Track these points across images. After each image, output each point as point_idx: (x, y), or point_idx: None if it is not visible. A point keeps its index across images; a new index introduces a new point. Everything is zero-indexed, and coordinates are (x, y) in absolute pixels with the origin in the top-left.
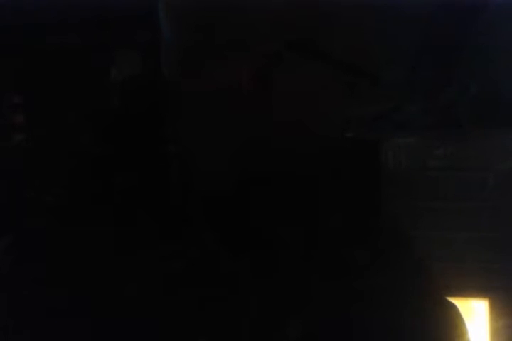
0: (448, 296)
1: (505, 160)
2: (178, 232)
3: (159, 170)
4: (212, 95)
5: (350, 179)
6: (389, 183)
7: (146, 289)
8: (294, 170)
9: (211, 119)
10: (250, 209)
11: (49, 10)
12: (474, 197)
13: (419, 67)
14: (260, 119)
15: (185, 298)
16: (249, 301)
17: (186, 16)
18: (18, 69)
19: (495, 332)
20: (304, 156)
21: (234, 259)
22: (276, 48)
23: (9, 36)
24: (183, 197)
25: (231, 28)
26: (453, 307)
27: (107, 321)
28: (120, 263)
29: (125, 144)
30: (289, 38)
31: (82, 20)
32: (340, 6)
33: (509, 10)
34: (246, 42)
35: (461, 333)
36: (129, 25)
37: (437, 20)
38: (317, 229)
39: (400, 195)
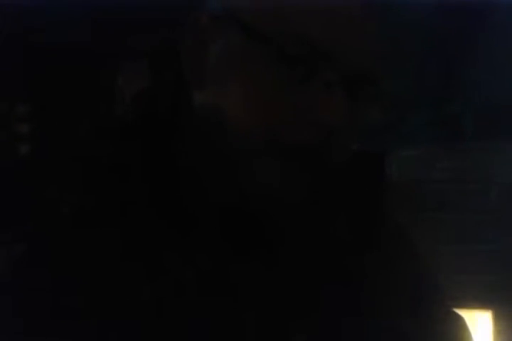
0: (452, 307)
1: (508, 172)
2: (190, 243)
3: (172, 181)
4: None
5: (354, 190)
6: (393, 195)
7: (156, 298)
8: (301, 182)
9: (219, 135)
10: (262, 220)
11: (54, 19)
12: (478, 209)
13: (424, 79)
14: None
15: (194, 307)
16: (259, 312)
17: None
18: (24, 79)
19: None
20: (311, 169)
21: (245, 270)
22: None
23: (12, 44)
24: (196, 209)
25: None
26: (460, 319)
27: (118, 328)
28: (132, 271)
29: (138, 155)
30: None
31: (89, 30)
32: (350, 14)
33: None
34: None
35: None
36: (137, 34)
37: (441, 32)
38: (322, 236)
39: (404, 206)
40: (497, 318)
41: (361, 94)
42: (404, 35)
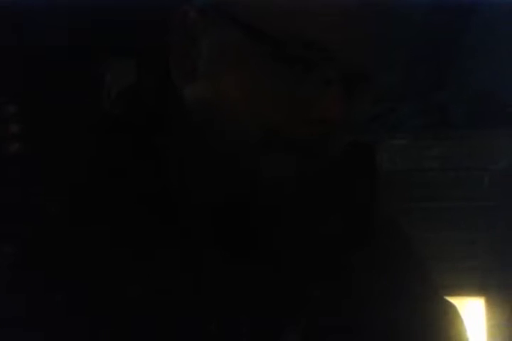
0: (444, 295)
1: (500, 159)
2: (180, 240)
3: (160, 180)
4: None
5: (345, 181)
6: (384, 184)
7: (146, 297)
8: (290, 175)
9: (212, 130)
10: (250, 217)
11: (43, 18)
12: (470, 197)
13: (412, 68)
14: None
15: (182, 302)
16: (251, 308)
17: None
18: (13, 78)
19: (491, 331)
20: (301, 163)
21: (231, 264)
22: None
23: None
24: (185, 204)
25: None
26: (452, 306)
27: (109, 326)
28: (121, 270)
29: (125, 153)
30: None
31: (79, 27)
32: (349, 13)
33: (504, 10)
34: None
35: (461, 333)
36: (126, 32)
37: (431, 21)
38: (314, 231)
39: (396, 196)
40: (489, 305)
41: (357, 89)
42: (394, 27)
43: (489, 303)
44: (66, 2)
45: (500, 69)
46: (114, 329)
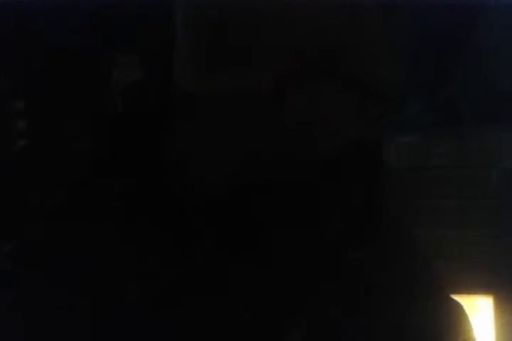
0: (452, 294)
1: (507, 157)
2: (178, 236)
3: (160, 175)
4: (221, 102)
5: (351, 178)
6: (391, 182)
7: (146, 293)
8: (294, 173)
9: (216, 125)
10: (251, 213)
11: (49, 13)
12: (477, 194)
13: (420, 65)
14: (268, 129)
15: (184, 301)
16: (250, 305)
17: (200, 16)
18: (19, 74)
19: (500, 329)
20: (306, 161)
21: (233, 263)
22: (294, 66)
23: (8, 41)
24: (183, 202)
25: (247, 38)
26: (458, 305)
27: (109, 323)
28: (121, 267)
29: (127, 149)
30: (307, 57)
31: (83, 23)
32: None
33: (509, 9)
34: (262, 56)
35: (466, 331)
36: (131, 28)
37: (437, 19)
38: (319, 230)
39: (403, 193)
40: (498, 303)
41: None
42: (399, 23)
43: (498, 302)
44: (74, 1)
45: (509, 66)
46: (113, 327)
